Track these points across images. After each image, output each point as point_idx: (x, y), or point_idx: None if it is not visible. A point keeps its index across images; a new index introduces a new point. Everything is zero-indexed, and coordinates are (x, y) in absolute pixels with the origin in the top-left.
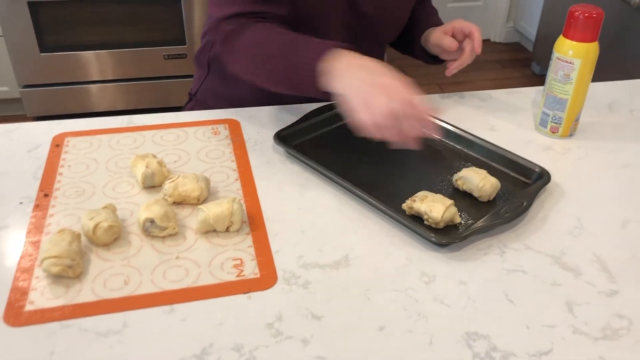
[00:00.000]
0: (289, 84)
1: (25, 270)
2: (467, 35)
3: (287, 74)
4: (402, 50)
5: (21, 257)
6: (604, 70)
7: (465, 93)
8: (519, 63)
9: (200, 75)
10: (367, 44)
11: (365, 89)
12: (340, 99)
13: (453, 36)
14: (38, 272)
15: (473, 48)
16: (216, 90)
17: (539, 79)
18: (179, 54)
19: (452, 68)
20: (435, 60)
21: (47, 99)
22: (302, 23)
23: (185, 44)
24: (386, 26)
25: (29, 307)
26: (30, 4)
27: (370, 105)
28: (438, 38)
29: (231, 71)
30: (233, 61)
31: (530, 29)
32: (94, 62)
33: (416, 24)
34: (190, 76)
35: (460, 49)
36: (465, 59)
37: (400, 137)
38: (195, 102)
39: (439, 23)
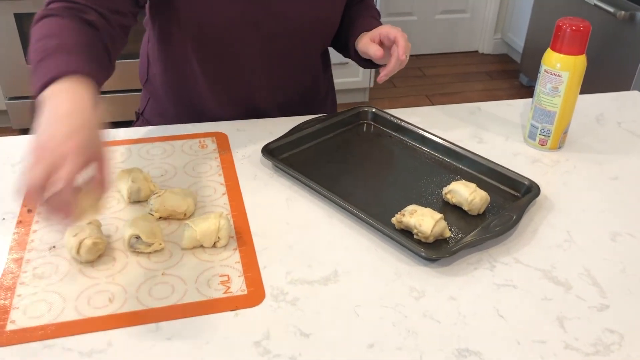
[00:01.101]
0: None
1: (7, 289)
2: (393, 42)
3: (31, 79)
4: (342, 52)
5: (3, 275)
6: (591, 83)
7: (454, 105)
8: (507, 74)
9: (146, 93)
10: (293, 48)
11: (43, 142)
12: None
13: (380, 42)
14: (20, 290)
15: (398, 55)
16: (161, 109)
17: (527, 90)
18: None
19: (382, 76)
20: (371, 64)
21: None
22: (207, 27)
23: None
24: (305, 27)
25: (10, 327)
26: (16, 15)
27: (32, 164)
28: (365, 45)
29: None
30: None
31: (518, 41)
32: None
33: (350, 25)
34: None
35: (389, 55)
36: (392, 66)
37: (44, 208)
38: (142, 122)
39: (373, 25)
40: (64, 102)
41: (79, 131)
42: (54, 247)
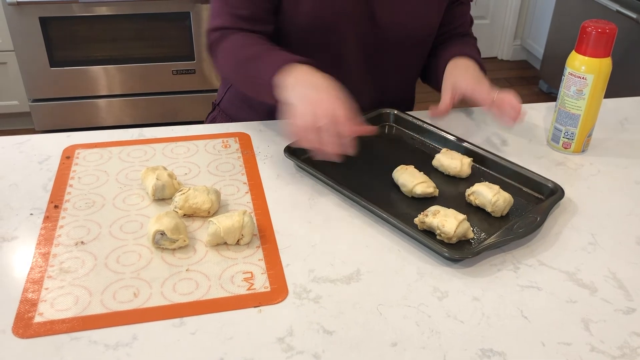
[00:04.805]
0: (251, 90)
1: (35, 282)
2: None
3: (250, 82)
4: (431, 84)
5: (31, 269)
6: (614, 88)
7: (477, 108)
8: (526, 81)
9: (224, 84)
10: (386, 61)
11: (302, 102)
12: (286, 109)
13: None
14: (47, 283)
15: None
16: (238, 101)
17: (546, 97)
18: (188, 70)
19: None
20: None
21: (56, 113)
22: (315, 35)
23: (194, 60)
24: (403, 40)
25: (38, 319)
26: (41, 20)
27: (300, 117)
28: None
29: (220, 75)
30: (217, 66)
31: (538, 47)
32: (103, 77)
33: (444, 51)
34: (199, 91)
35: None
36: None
37: (319, 148)
38: (218, 112)
39: (475, 57)
40: (312, 77)
41: (338, 95)
42: (82, 242)
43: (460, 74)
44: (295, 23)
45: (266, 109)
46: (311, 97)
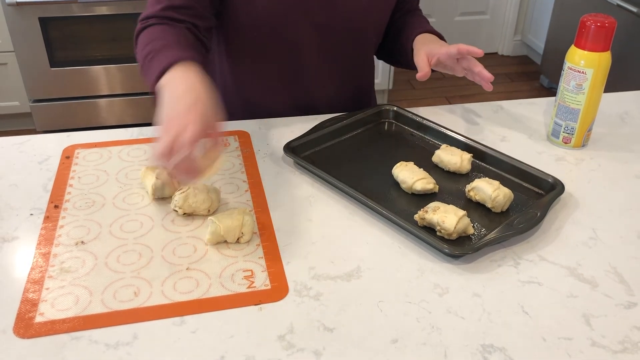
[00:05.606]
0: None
1: (35, 282)
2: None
3: (144, 78)
4: (389, 59)
5: (31, 269)
6: (614, 82)
7: (476, 104)
8: (527, 76)
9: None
10: (346, 49)
11: (167, 118)
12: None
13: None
14: (48, 283)
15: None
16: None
17: (547, 92)
18: None
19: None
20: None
21: (57, 114)
22: (271, 26)
23: None
24: (361, 26)
25: (39, 319)
26: (41, 20)
27: (161, 136)
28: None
29: None
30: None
31: (539, 42)
32: (104, 76)
33: (406, 28)
34: None
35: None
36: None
37: (174, 170)
38: None
39: (427, 29)
40: (179, 85)
41: (195, 105)
42: (82, 242)
43: (429, 44)
44: (249, 13)
45: (229, 111)
46: (170, 113)
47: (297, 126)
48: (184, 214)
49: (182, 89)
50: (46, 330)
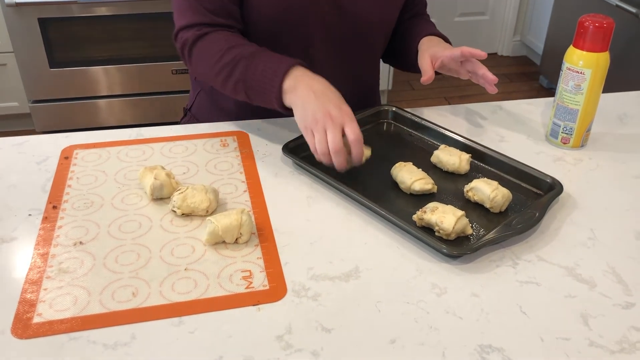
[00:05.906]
0: (244, 94)
1: (33, 282)
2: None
3: (244, 85)
4: (394, 62)
5: (29, 269)
6: (613, 83)
7: (475, 104)
8: (526, 77)
9: (195, 89)
10: (356, 50)
11: (307, 102)
12: (293, 111)
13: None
14: (46, 283)
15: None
16: (208, 105)
17: (546, 92)
18: (187, 69)
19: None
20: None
21: (56, 114)
22: (283, 25)
23: None
24: (370, 27)
25: (37, 319)
26: (40, 20)
27: (306, 118)
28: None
29: (194, 76)
30: (192, 67)
31: (538, 43)
32: (103, 77)
33: (412, 32)
34: None
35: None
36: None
37: (320, 145)
38: (189, 117)
39: (433, 32)
40: (313, 84)
41: (343, 102)
42: (80, 242)
43: (433, 47)
44: (261, 14)
45: (235, 111)
46: (315, 97)
47: (297, 126)
48: (183, 214)
49: (320, 86)
50: (44, 331)
